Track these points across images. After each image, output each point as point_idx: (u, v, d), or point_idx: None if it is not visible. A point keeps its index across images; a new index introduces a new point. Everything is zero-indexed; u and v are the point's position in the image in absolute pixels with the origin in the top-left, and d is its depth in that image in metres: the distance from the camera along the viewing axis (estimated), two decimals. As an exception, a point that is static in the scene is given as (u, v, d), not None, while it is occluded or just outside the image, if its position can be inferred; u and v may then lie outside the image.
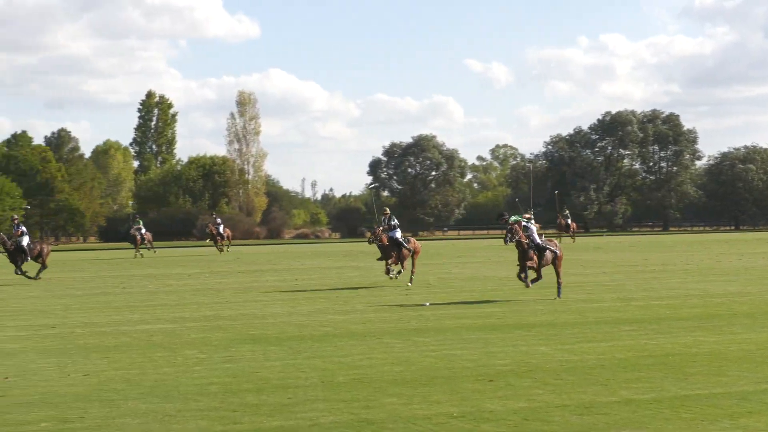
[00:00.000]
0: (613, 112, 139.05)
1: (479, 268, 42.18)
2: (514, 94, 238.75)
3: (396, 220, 35.00)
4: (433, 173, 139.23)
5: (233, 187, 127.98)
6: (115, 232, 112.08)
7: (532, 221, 27.88)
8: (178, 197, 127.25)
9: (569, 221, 75.11)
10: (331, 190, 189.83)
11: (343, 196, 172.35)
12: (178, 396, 13.54)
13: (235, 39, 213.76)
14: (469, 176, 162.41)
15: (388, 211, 35.73)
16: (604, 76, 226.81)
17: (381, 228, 34.26)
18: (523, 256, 27.13)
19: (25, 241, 38.80)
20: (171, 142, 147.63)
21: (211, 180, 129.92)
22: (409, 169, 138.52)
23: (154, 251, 66.56)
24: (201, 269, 46.19)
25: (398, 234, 34.37)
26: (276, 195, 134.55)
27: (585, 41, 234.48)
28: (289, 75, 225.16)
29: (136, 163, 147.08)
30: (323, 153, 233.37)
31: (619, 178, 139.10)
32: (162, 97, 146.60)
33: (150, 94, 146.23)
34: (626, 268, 40.05)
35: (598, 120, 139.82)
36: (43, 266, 39.33)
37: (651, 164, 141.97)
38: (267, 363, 16.26)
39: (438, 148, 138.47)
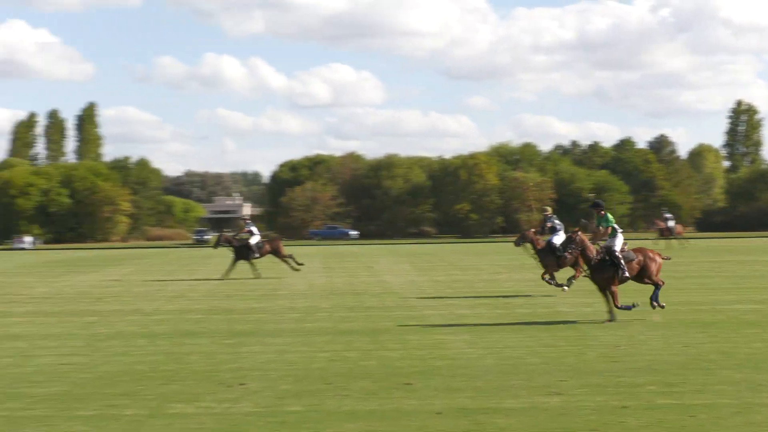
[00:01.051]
0: None
1: None
2: None
3: (557, 221, 26.20)
4: None
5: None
6: (709, 223, 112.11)
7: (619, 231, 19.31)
8: (763, 192, 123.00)
9: None
10: None
11: None
12: (774, 369, 13.14)
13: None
14: None
15: (549, 210, 27.16)
16: None
17: (534, 230, 26.36)
18: (595, 275, 18.93)
19: (254, 239, 34.60)
20: (757, 145, 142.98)
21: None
22: None
23: (684, 243, 55.86)
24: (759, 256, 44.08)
25: (557, 239, 25.16)
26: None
27: None
28: None
29: (726, 164, 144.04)
30: None
31: None
32: (750, 105, 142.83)
33: (739, 103, 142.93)
34: None
35: None
36: (289, 258, 34.84)
37: None
38: None
39: None
